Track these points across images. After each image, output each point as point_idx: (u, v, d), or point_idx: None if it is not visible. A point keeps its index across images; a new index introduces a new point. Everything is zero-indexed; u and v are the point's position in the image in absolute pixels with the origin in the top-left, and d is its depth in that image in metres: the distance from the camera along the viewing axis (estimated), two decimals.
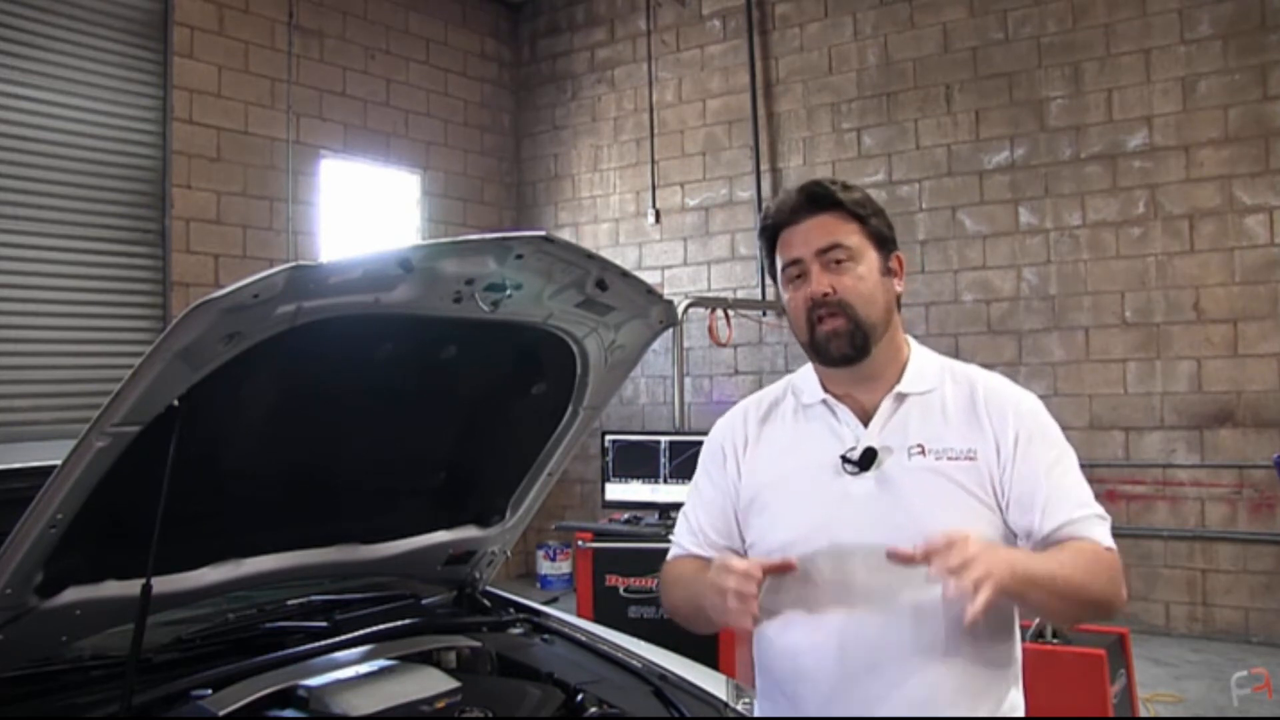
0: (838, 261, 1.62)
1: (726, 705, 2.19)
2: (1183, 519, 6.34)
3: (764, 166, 7.92)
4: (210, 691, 1.88)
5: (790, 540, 1.62)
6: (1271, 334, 6.14)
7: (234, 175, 7.08)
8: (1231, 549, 6.22)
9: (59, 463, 1.61)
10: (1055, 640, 3.71)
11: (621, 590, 4.81)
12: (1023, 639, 3.71)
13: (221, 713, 1.81)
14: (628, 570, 4.82)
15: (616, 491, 5.27)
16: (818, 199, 1.65)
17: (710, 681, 2.31)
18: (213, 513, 1.98)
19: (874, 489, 1.60)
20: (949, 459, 1.60)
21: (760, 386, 7.65)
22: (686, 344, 7.49)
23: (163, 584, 1.84)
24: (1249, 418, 6.18)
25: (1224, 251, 6.27)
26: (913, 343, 1.73)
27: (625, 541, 4.97)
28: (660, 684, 2.20)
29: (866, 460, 1.61)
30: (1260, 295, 6.17)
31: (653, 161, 8.46)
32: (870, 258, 1.64)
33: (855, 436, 1.64)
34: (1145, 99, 6.49)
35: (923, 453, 1.61)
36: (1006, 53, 6.97)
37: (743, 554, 1.72)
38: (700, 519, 1.77)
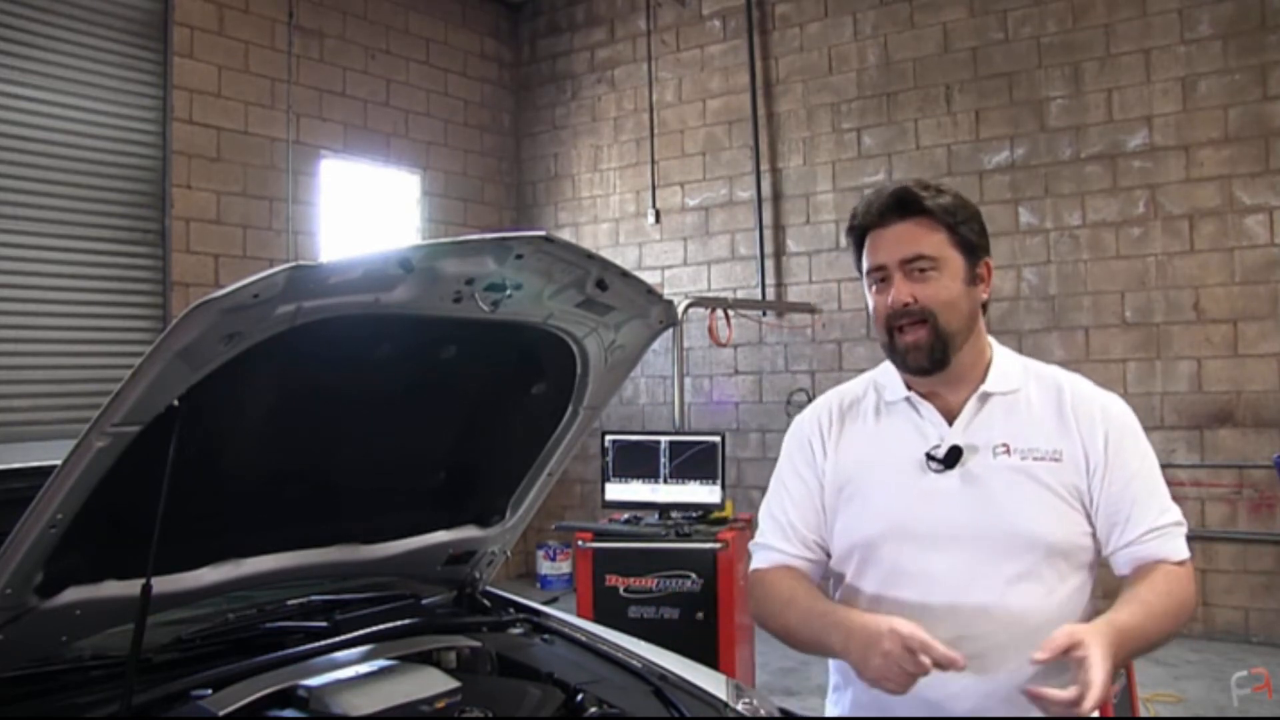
0: (921, 270, 1.62)
1: (726, 705, 2.19)
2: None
3: (764, 166, 7.92)
4: (210, 691, 1.88)
5: (875, 534, 1.64)
6: (1271, 334, 6.14)
7: (234, 175, 7.08)
8: (1231, 549, 6.22)
9: (59, 463, 1.61)
10: None
11: (621, 590, 4.81)
12: None
13: (221, 713, 1.81)
14: (628, 570, 4.82)
15: (616, 491, 5.27)
16: (906, 204, 1.65)
17: (710, 681, 2.30)
18: (213, 513, 1.97)
19: (959, 486, 1.61)
20: (1034, 459, 1.62)
21: (760, 386, 7.62)
22: (686, 344, 7.49)
23: (163, 584, 1.83)
24: (1249, 418, 6.18)
25: (1224, 251, 6.27)
26: (994, 344, 1.75)
27: (625, 541, 4.96)
28: (660, 684, 2.20)
29: (952, 458, 1.63)
30: (1260, 295, 6.17)
31: (653, 161, 8.46)
32: (955, 266, 1.65)
33: (940, 434, 1.66)
34: (1145, 99, 6.50)
35: (1008, 452, 1.63)
36: (1006, 53, 6.97)
37: (827, 550, 1.74)
38: (790, 516, 1.75)
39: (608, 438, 5.34)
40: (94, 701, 1.82)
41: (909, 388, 1.71)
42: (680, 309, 6.00)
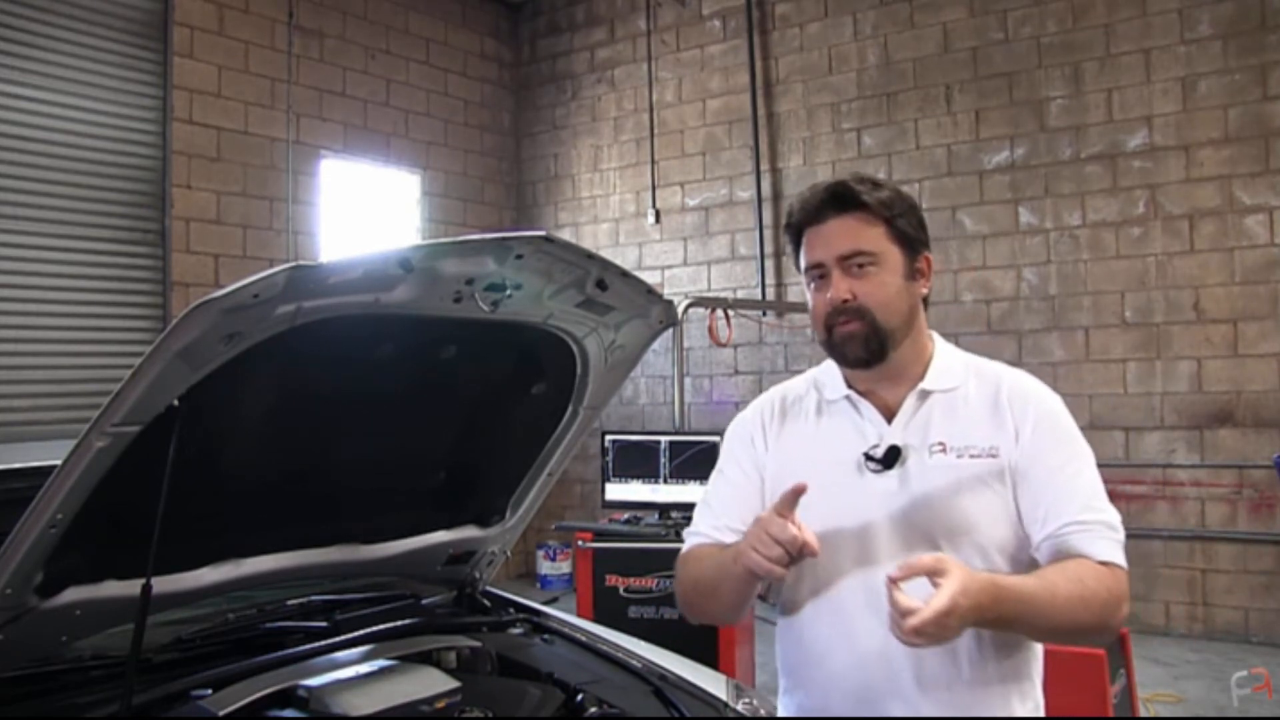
0: (860, 266, 1.60)
1: (726, 705, 2.19)
2: (1183, 519, 6.34)
3: (764, 166, 7.92)
4: (210, 691, 1.88)
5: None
6: (1271, 334, 6.14)
7: (234, 175, 7.08)
8: (1231, 549, 6.22)
9: (59, 463, 1.61)
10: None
11: (621, 590, 4.81)
12: None
13: (221, 713, 1.81)
14: (628, 570, 4.82)
15: (616, 491, 5.27)
16: (843, 200, 1.62)
17: (710, 681, 2.31)
18: (213, 513, 1.98)
19: (896, 487, 1.60)
20: (971, 456, 1.59)
21: (760, 386, 7.64)
22: (686, 344, 7.49)
23: (163, 584, 1.84)
24: (1249, 418, 6.18)
25: (1224, 251, 6.27)
26: (938, 340, 1.72)
27: (625, 541, 4.96)
28: (660, 684, 2.20)
29: (890, 458, 1.61)
30: (1260, 295, 6.17)
31: (653, 161, 8.46)
32: (894, 261, 1.62)
33: (878, 434, 1.64)
34: (1145, 99, 6.49)
35: (944, 450, 1.60)
36: (1006, 53, 6.97)
37: None
38: (726, 505, 1.74)
39: (608, 438, 5.34)
40: (94, 701, 1.83)
41: (849, 386, 1.69)
42: (680, 309, 6.00)
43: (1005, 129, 6.97)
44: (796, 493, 1.46)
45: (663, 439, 5.28)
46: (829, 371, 1.74)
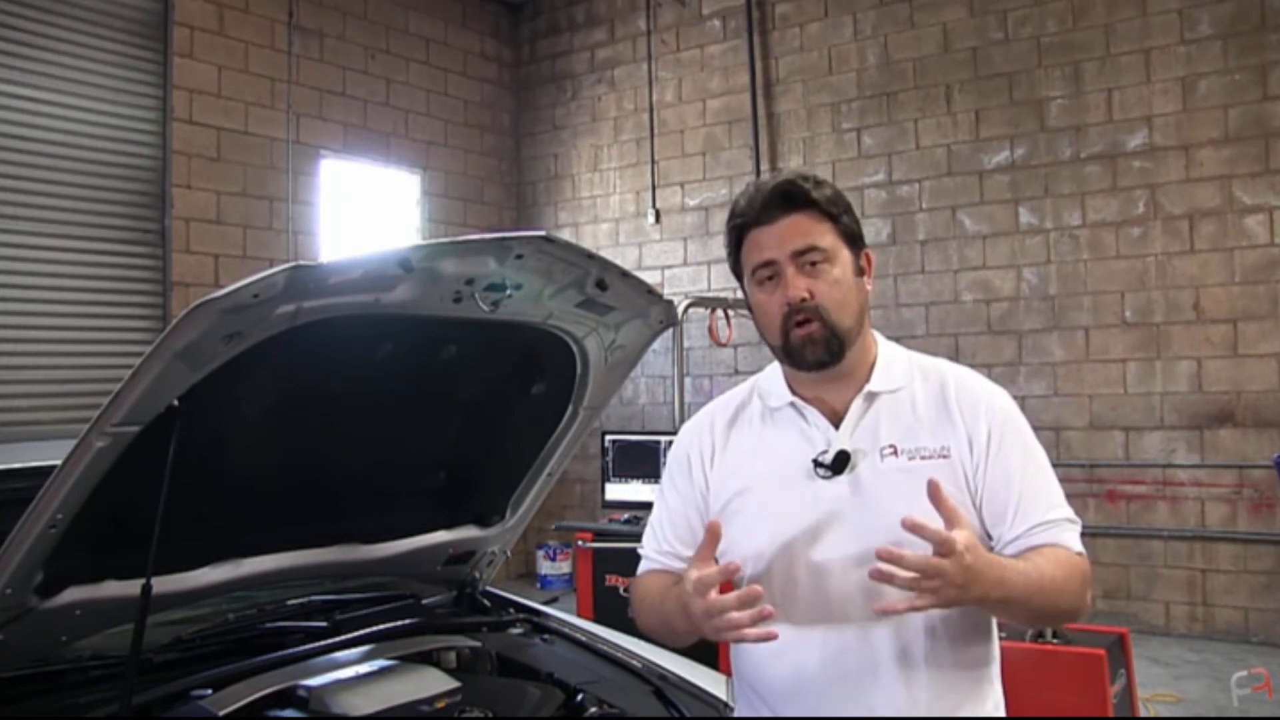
0: (813, 264, 1.56)
1: (726, 705, 2.19)
2: (1183, 519, 6.34)
3: (764, 166, 7.92)
4: (210, 691, 1.88)
5: (764, 547, 1.60)
6: (1271, 334, 6.14)
7: (234, 175, 7.08)
8: (1231, 549, 6.22)
9: (59, 463, 1.61)
10: (1055, 640, 3.71)
11: (621, 590, 4.82)
12: (1022, 639, 3.70)
13: (221, 713, 1.81)
14: (628, 570, 4.79)
15: (616, 491, 5.28)
16: (792, 198, 1.58)
17: (710, 681, 2.30)
18: (213, 513, 1.97)
19: (847, 492, 1.57)
20: (922, 458, 1.56)
21: None
22: (686, 344, 7.48)
23: (163, 584, 1.83)
24: (1249, 418, 6.18)
25: (1224, 251, 6.27)
26: (879, 339, 1.69)
27: (625, 541, 4.96)
28: (660, 684, 2.20)
29: (839, 463, 1.57)
30: (1260, 295, 6.17)
31: (653, 161, 8.46)
32: (844, 258, 1.59)
33: (826, 439, 1.60)
34: (1145, 99, 6.50)
35: (895, 453, 1.57)
36: (1006, 53, 6.97)
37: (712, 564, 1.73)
38: (666, 530, 1.73)
39: (608, 438, 5.35)
40: (94, 701, 1.83)
41: (793, 392, 1.65)
42: (680, 309, 5.99)
43: (1005, 129, 6.97)
44: (714, 535, 1.47)
45: (663, 439, 5.29)
46: (772, 378, 1.70)
